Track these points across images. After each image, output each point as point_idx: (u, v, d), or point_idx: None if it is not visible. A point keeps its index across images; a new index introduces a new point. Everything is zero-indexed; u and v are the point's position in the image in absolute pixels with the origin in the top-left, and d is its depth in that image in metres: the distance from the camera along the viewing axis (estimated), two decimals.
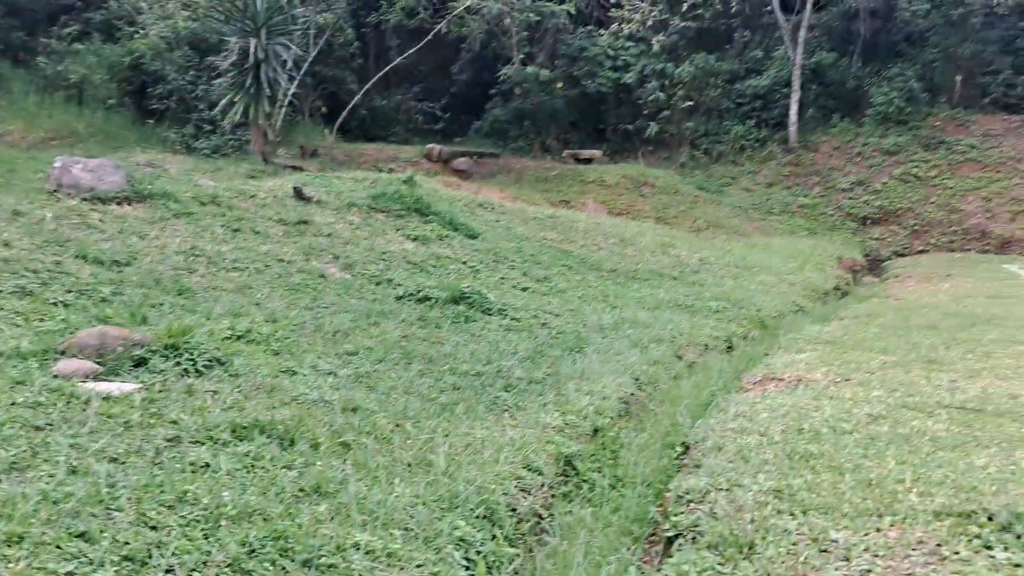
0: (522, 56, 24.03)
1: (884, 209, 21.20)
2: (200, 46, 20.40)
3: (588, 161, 23.06)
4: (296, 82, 19.53)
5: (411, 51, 24.21)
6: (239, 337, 6.06)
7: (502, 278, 10.44)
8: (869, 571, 2.85)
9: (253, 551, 2.84)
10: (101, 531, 2.72)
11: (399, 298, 8.56)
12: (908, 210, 21.09)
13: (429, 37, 23.30)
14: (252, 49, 16.81)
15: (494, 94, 26.21)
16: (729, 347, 8.54)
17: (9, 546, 2.54)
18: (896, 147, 22.45)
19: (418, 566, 3.03)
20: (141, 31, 21.36)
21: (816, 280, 13.95)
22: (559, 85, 24.30)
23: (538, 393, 5.69)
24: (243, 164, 16.68)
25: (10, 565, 2.44)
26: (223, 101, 17.28)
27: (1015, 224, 20.19)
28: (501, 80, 24.68)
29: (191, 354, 5.05)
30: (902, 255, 19.80)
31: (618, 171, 22.12)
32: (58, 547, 2.59)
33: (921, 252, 19.85)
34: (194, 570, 2.62)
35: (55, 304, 6.31)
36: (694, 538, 3.32)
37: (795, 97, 23.02)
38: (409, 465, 4.04)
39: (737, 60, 25.15)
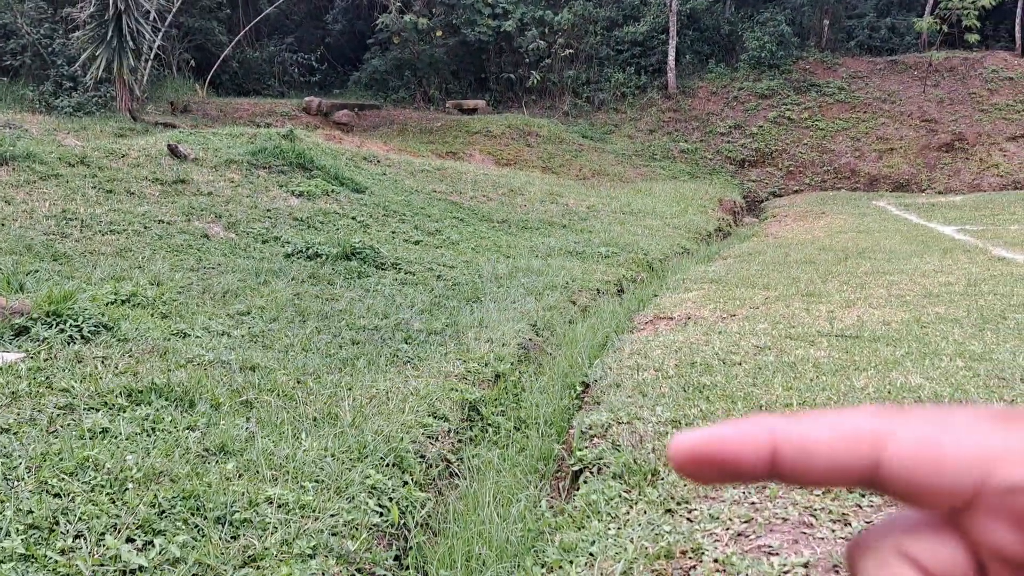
0: (399, 4, 23.56)
1: (760, 152, 22.01)
2: None
3: (472, 111, 22.97)
4: (161, 34, 18.60)
5: (281, 0, 23.38)
6: (124, 301, 5.86)
7: (393, 232, 10.37)
8: (764, 485, 3.05)
9: (163, 512, 2.81)
10: (2, 501, 2.63)
11: (288, 256, 8.40)
12: (783, 152, 21.96)
13: None
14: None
15: (372, 44, 25.66)
16: (620, 290, 8.78)
17: None
18: (769, 91, 23.26)
19: (332, 515, 3.06)
20: None
21: (699, 222, 14.42)
22: (438, 34, 24.00)
23: (439, 344, 5.73)
24: (110, 122, 15.85)
25: None
26: (84, 55, 16.32)
27: (882, 162, 21.34)
28: (378, 29, 24.17)
29: (75, 320, 4.86)
30: (779, 195, 20.66)
31: (503, 121, 22.13)
32: None
33: (796, 192, 20.76)
34: (104, 533, 2.57)
35: None
36: (599, 470, 3.47)
37: (672, 43, 23.47)
38: (314, 420, 4.04)
39: (615, 7, 25.40)
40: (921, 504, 0.29)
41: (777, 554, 2.54)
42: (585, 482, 3.40)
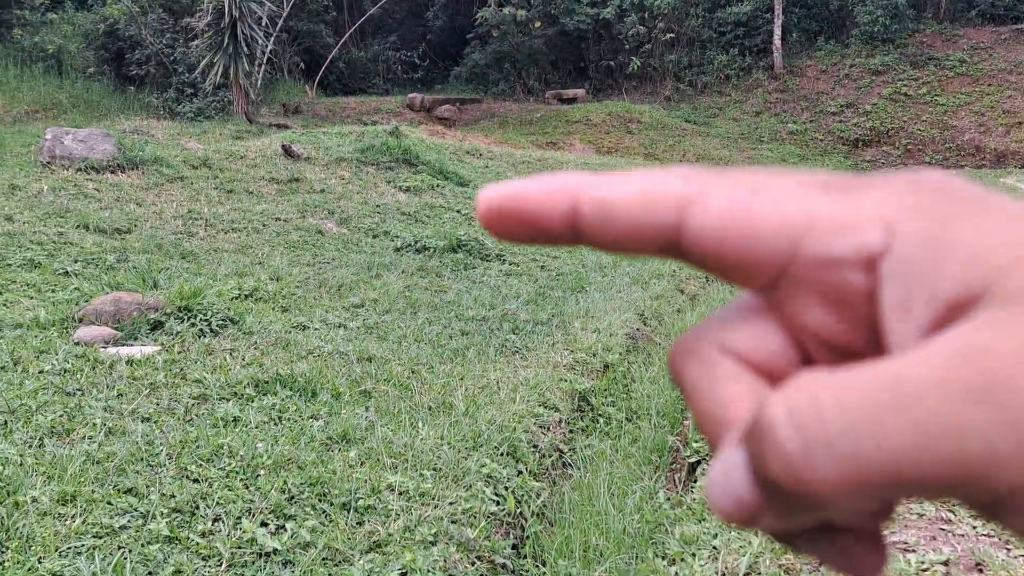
0: None
1: (875, 130, 21.16)
2: (173, 8, 20.07)
3: (572, 101, 22.92)
4: (272, 39, 19.26)
5: (383, 0, 23.86)
6: (247, 296, 6.14)
7: None
8: None
9: (292, 497, 2.95)
10: (147, 486, 2.82)
11: (397, 249, 8.61)
12: (900, 130, 21.05)
13: None
14: (226, 7, 16.55)
15: (471, 38, 25.89)
16: None
17: (63, 504, 2.65)
18: (884, 66, 22.33)
19: (451, 503, 3.15)
20: None
21: None
22: (537, 25, 24.02)
23: (545, 334, 5.79)
24: (227, 125, 16.54)
25: (66, 523, 2.54)
26: (203, 63, 17.07)
27: (1009, 137, 20.19)
28: (477, 24, 24.37)
29: (204, 315, 5.12)
30: None
31: (603, 109, 22.00)
32: (109, 503, 2.69)
33: None
34: (240, 517, 2.73)
35: (65, 274, 6.37)
36: None
37: (778, 22, 22.81)
38: (430, 409, 4.15)
39: None
40: (729, 277, 0.26)
41: (914, 551, 2.48)
42: (703, 474, 3.39)
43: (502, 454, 3.68)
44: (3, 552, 2.36)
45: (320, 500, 2.96)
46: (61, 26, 22.37)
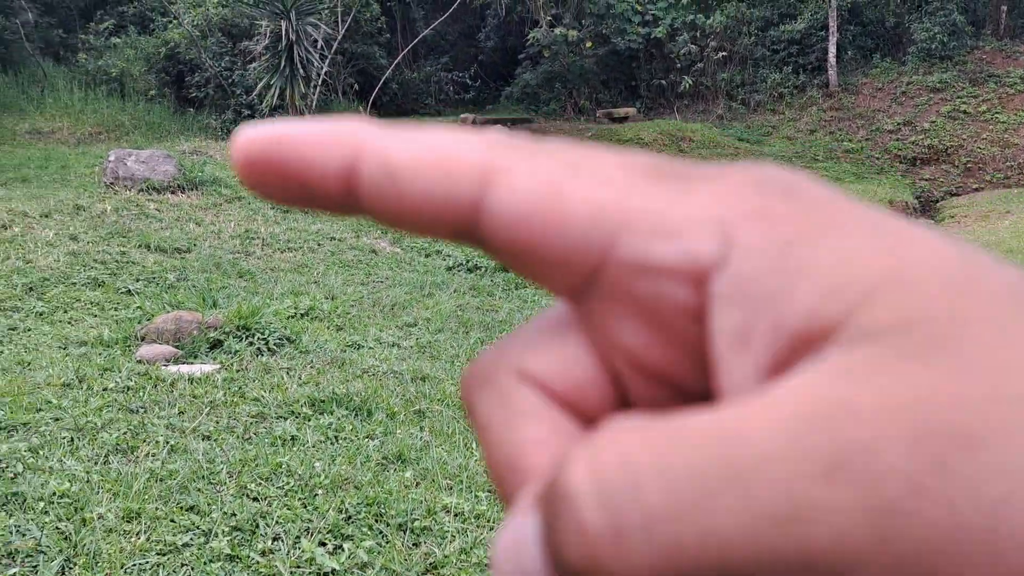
0: (549, 18, 23.83)
1: (934, 148, 20.73)
2: (232, 31, 20.57)
3: (623, 119, 22.90)
4: (328, 61, 19.60)
5: (437, 21, 24.13)
6: (303, 315, 6.23)
7: None
8: None
9: (350, 517, 2.97)
10: (209, 504, 2.87)
11: (449, 268, 8.67)
12: (959, 148, 20.58)
13: (455, 5, 23.21)
14: (283, 31, 16.91)
15: (523, 59, 26.06)
16: None
17: (128, 521, 2.70)
18: (942, 84, 21.91)
19: None
20: (174, 20, 21.57)
21: None
22: (588, 45, 24.08)
23: None
24: None
25: (131, 539, 2.60)
26: (259, 85, 17.45)
27: None
28: (529, 44, 24.52)
29: (262, 333, 5.21)
30: (956, 195, 19.39)
31: (654, 127, 21.93)
32: (172, 520, 2.74)
33: (976, 190, 19.41)
34: (299, 537, 2.75)
35: (127, 293, 6.54)
36: None
37: (833, 39, 22.54)
38: None
39: (770, 6, 24.67)
40: (532, 276, 0.21)
41: None
42: None
43: None
44: (71, 568, 2.41)
45: (377, 520, 2.97)
46: (124, 50, 23.05)
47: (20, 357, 4.73)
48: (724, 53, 23.38)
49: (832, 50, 22.65)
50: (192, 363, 4.77)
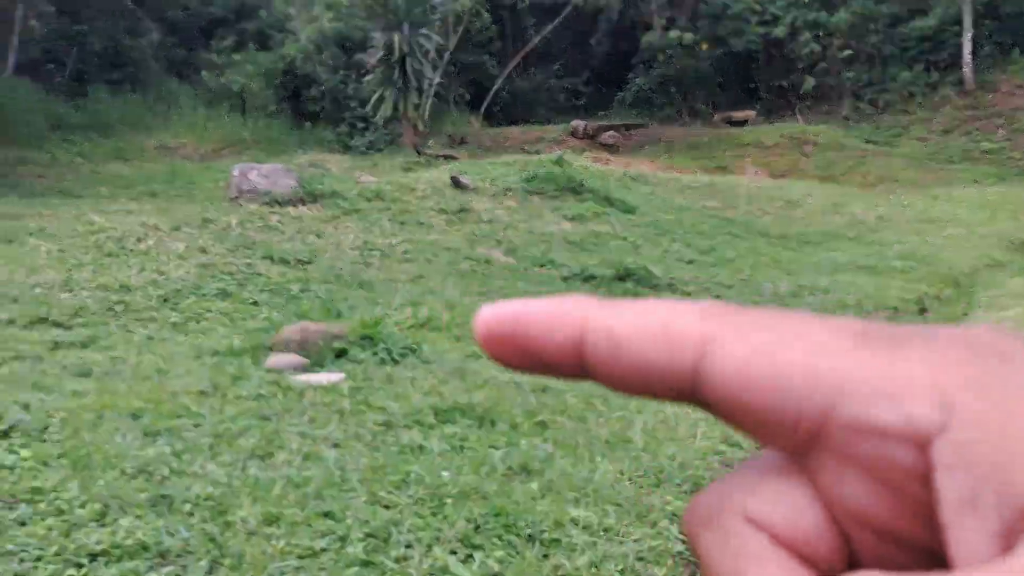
0: (663, 21, 23.58)
1: None
2: (346, 45, 21.17)
3: (742, 123, 22.42)
4: (439, 71, 19.95)
5: (548, 28, 24.23)
6: (422, 325, 6.31)
7: (664, 251, 10.35)
8: None
9: (479, 527, 2.97)
10: (343, 511, 2.92)
11: (564, 278, 8.65)
12: None
13: (567, 12, 23.25)
14: (396, 43, 17.31)
15: (636, 63, 25.85)
16: (922, 309, 8.13)
17: (268, 525, 2.78)
18: None
19: (635, 540, 3.08)
20: (291, 36, 22.36)
21: (1011, 230, 13.00)
22: (704, 47, 23.69)
23: None
24: (397, 157, 17.24)
25: (272, 543, 2.67)
26: (374, 97, 17.89)
27: None
28: (643, 48, 24.32)
29: (385, 343, 5.30)
30: None
31: (775, 131, 21.39)
32: (309, 525, 2.80)
33: None
34: (431, 545, 2.77)
35: (254, 303, 6.78)
36: None
37: (968, 35, 21.43)
38: (607, 442, 4.10)
39: (898, 1, 23.68)
40: (754, 435, 0.22)
41: None
42: None
43: (685, 492, 3.58)
44: (218, 568, 2.50)
45: (506, 531, 2.96)
46: (244, 66, 24.09)
47: (158, 366, 4.96)
48: (849, 51, 22.57)
49: (967, 46, 21.53)
50: (319, 372, 4.89)
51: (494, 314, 0.24)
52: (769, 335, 0.21)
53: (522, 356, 0.24)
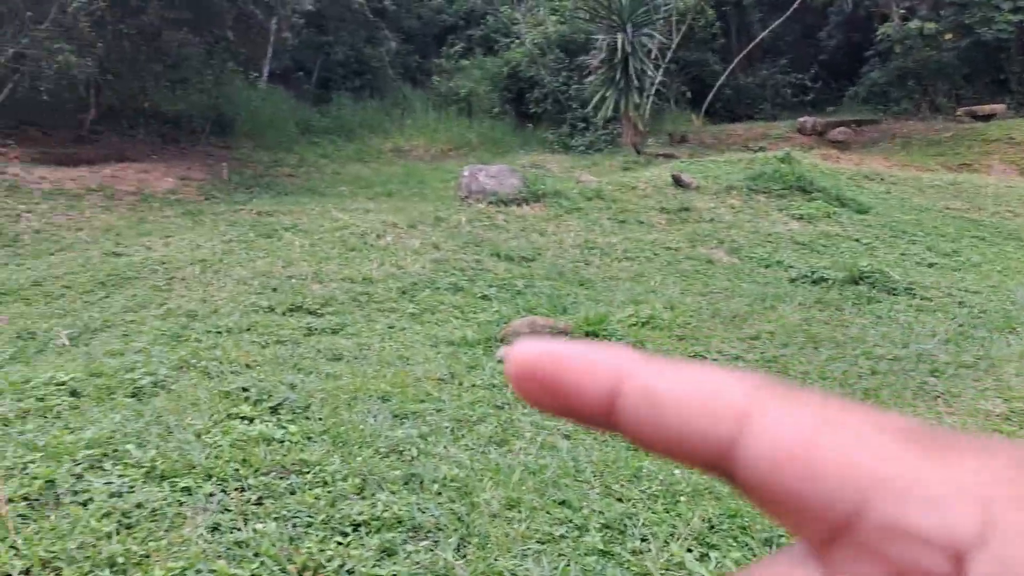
0: (902, 11, 22.07)
1: None
2: (569, 47, 21.48)
3: (989, 117, 20.55)
4: (661, 70, 19.79)
5: (776, 23, 23.37)
6: (643, 324, 6.33)
7: (902, 254, 9.72)
8: None
9: (713, 527, 2.97)
10: (579, 500, 3.02)
11: (792, 280, 8.34)
12: None
13: (795, 6, 22.33)
14: (619, 44, 17.35)
15: (870, 56, 24.35)
16: None
17: (509, 509, 2.93)
18: None
19: None
20: (517, 41, 23.01)
21: None
22: (947, 37, 21.92)
23: (972, 379, 5.23)
24: (616, 157, 17.30)
25: (513, 526, 2.81)
26: (595, 98, 18.04)
27: None
28: (878, 40, 22.87)
29: (609, 340, 5.37)
30: None
31: None
32: (547, 512, 2.92)
33: None
34: (667, 540, 2.81)
35: (483, 297, 7.09)
36: None
37: None
38: None
39: None
40: (779, 519, 0.21)
41: None
42: None
43: None
44: (466, 546, 2.67)
45: (741, 532, 2.94)
46: (472, 71, 25.07)
47: (400, 353, 5.31)
48: None
49: None
50: None
51: (528, 353, 0.24)
52: (811, 419, 0.21)
53: (552, 399, 0.24)
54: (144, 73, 18.21)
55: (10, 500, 2.70)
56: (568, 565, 2.56)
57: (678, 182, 11.62)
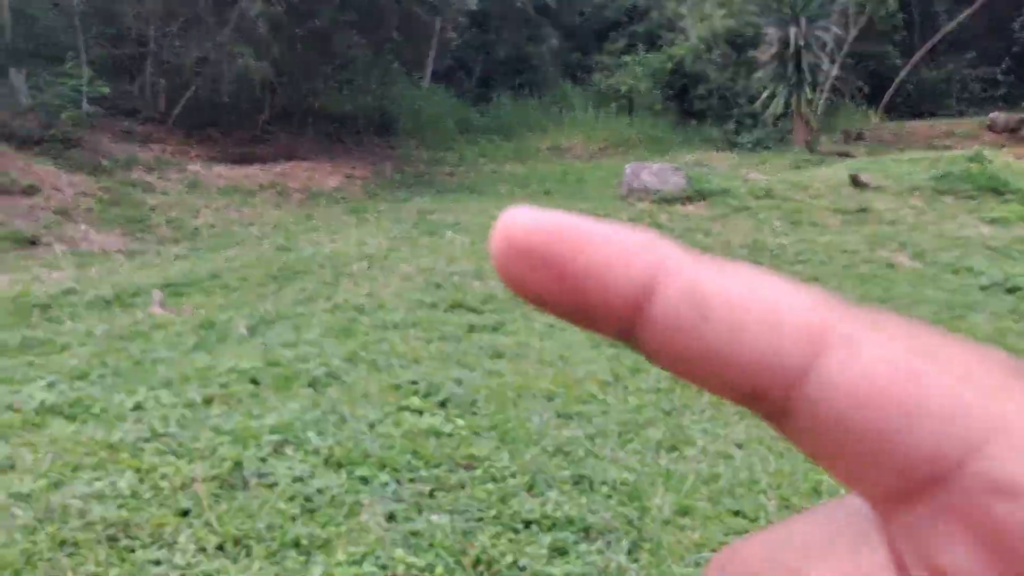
0: None
1: None
2: (737, 42, 20.87)
3: None
4: (836, 65, 18.88)
5: (963, 14, 21.83)
6: None
7: None
8: None
9: None
10: (755, 511, 2.89)
11: (983, 288, 7.74)
12: None
13: None
14: (791, 37, 16.69)
15: None
16: None
17: (681, 516, 2.84)
18: None
19: None
20: (681, 35, 22.59)
21: None
22: None
23: None
24: (786, 155, 16.66)
25: (686, 533, 2.72)
26: (764, 94, 17.45)
27: None
28: None
29: None
30: None
31: None
32: (721, 521, 2.81)
33: None
34: None
35: None
36: None
37: None
38: None
39: None
40: (844, 464, 0.16)
41: None
42: None
43: None
44: (638, 550, 2.60)
45: None
46: (633, 67, 24.79)
47: (560, 352, 5.29)
48: None
49: None
50: None
51: (529, 220, 0.18)
52: (907, 348, 0.16)
53: (554, 287, 0.18)
54: (314, 75, 19.15)
55: (203, 480, 2.86)
56: None
57: (856, 182, 11.04)
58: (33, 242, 10.13)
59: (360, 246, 9.18)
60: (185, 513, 2.70)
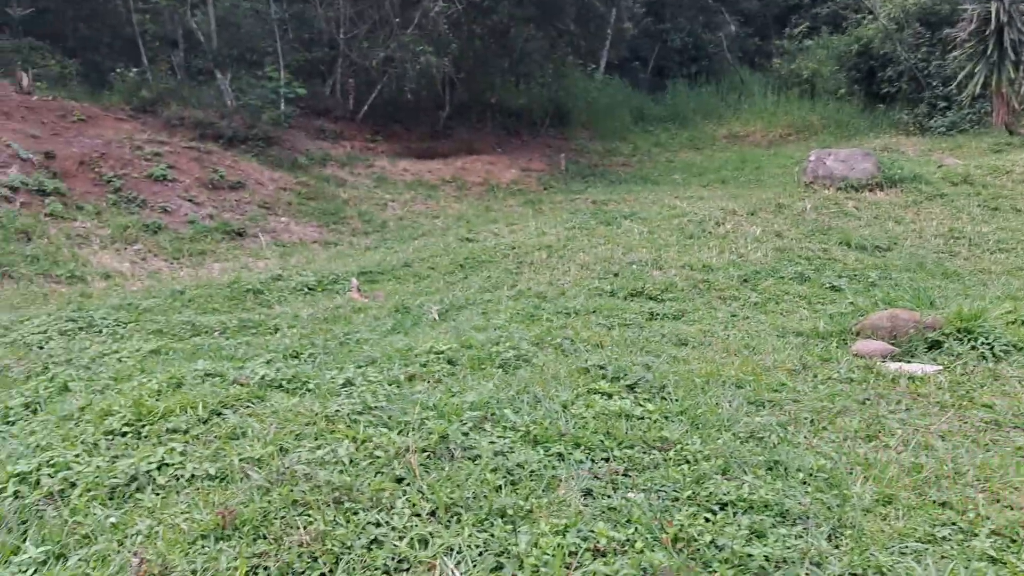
0: None
1: None
2: (930, 20, 19.63)
3: None
4: None
5: None
6: (1023, 323, 5.66)
7: None
8: None
9: None
10: (963, 503, 2.81)
11: None
12: None
13: None
14: (993, 13, 15.52)
15: None
16: None
17: (882, 505, 2.80)
18: None
19: None
20: (869, 16, 21.46)
21: None
22: None
23: None
24: (984, 138, 15.55)
25: (888, 522, 2.69)
26: (961, 74, 16.34)
27: None
28: None
29: (985, 338, 4.88)
30: None
31: None
32: (926, 512, 2.76)
33: None
34: None
35: (832, 288, 6.77)
36: None
37: None
38: None
39: None
40: None
41: None
42: None
43: None
44: (839, 537, 2.60)
45: None
46: (815, 51, 23.79)
47: (745, 341, 5.24)
48: None
49: None
50: (911, 362, 4.72)
51: None
52: None
53: None
54: (492, 70, 19.60)
55: (414, 451, 3.09)
56: (955, 568, 2.40)
57: None
58: (240, 233, 11.02)
59: (539, 236, 9.38)
60: (400, 480, 2.93)
